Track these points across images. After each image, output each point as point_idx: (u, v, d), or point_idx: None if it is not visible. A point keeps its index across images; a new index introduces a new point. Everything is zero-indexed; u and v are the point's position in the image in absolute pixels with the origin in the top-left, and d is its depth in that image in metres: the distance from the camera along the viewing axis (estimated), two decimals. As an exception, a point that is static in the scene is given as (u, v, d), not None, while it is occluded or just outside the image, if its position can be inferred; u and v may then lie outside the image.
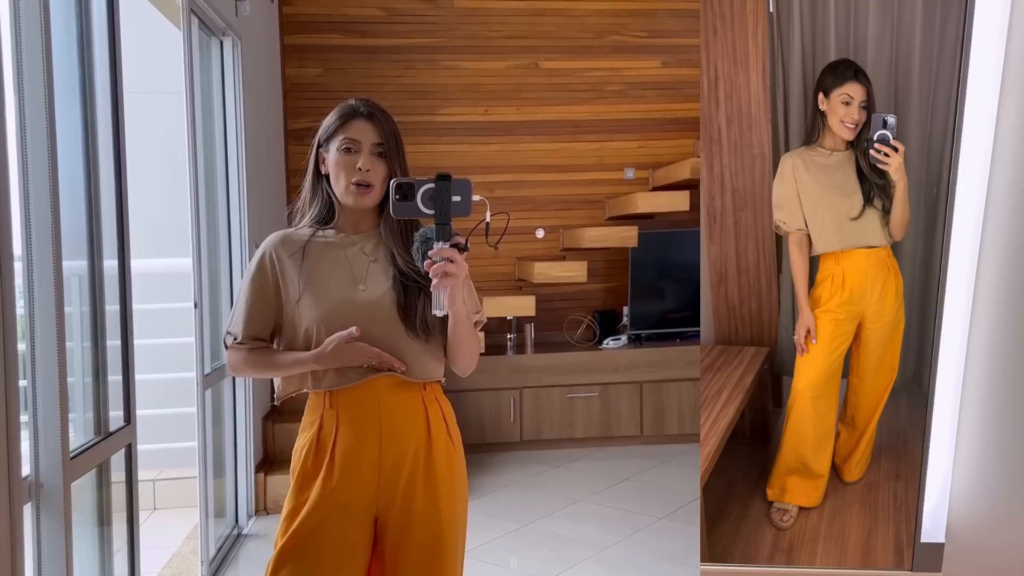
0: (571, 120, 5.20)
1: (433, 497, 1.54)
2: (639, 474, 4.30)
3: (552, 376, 4.71)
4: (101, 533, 2.17)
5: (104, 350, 2.14)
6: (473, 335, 1.57)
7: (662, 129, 5.24)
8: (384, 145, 1.55)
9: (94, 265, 2.10)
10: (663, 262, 5.00)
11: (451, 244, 1.38)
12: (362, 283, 1.53)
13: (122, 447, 2.18)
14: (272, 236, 1.60)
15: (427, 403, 1.56)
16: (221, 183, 3.45)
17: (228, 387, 3.50)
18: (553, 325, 5.14)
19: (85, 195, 2.07)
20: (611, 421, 4.76)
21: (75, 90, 2.05)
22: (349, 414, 1.51)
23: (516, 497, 4.00)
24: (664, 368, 4.77)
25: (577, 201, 5.23)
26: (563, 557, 3.25)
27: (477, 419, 4.61)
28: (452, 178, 1.38)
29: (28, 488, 1.72)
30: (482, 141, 5.15)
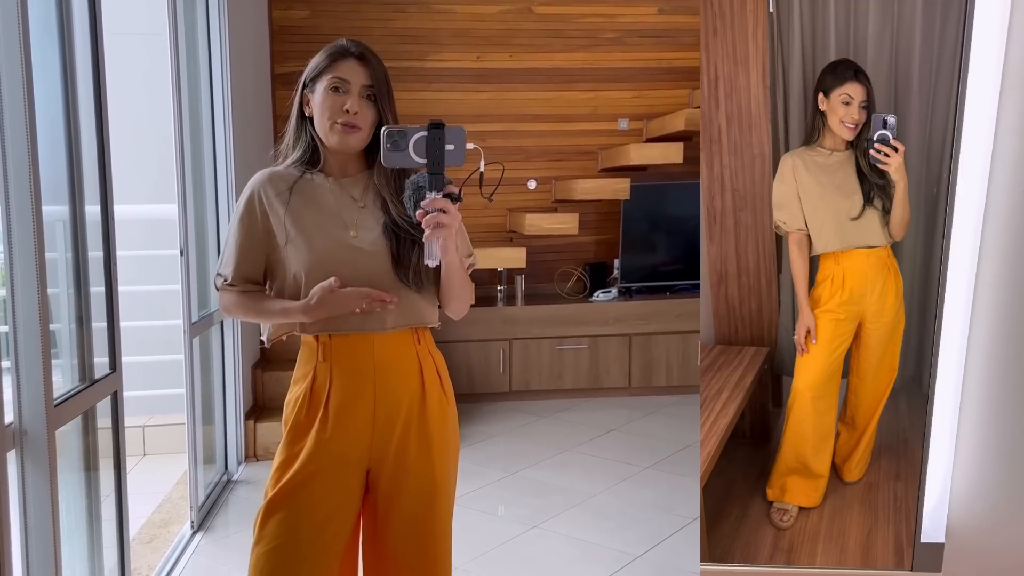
0: (565, 68, 5.12)
1: (427, 449, 1.54)
2: (626, 424, 4.34)
3: (542, 328, 4.72)
4: (88, 479, 2.18)
5: (88, 296, 2.12)
6: (466, 281, 1.56)
7: (657, 79, 5.16)
8: (374, 88, 1.51)
9: (76, 211, 2.06)
10: (655, 215, 4.98)
11: (444, 194, 1.35)
12: (353, 229, 1.51)
13: (108, 394, 2.18)
14: (259, 174, 1.56)
15: (421, 356, 1.55)
16: (207, 128, 3.39)
17: (216, 335, 3.49)
18: (543, 277, 5.13)
19: (65, 140, 2.03)
20: (600, 373, 4.78)
21: (52, 31, 1.99)
22: (343, 367, 1.50)
23: (504, 446, 4.04)
24: (654, 321, 4.78)
25: (570, 152, 5.18)
26: (550, 505, 3.29)
27: (467, 370, 4.63)
28: (446, 126, 1.34)
29: (12, 435, 1.72)
30: (474, 89, 5.07)
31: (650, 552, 2.87)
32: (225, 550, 2.94)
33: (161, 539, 3.02)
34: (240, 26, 3.74)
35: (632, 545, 2.92)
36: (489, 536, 3.02)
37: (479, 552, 2.89)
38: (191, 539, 2.98)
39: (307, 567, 1.48)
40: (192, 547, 2.93)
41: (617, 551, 2.88)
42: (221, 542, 2.99)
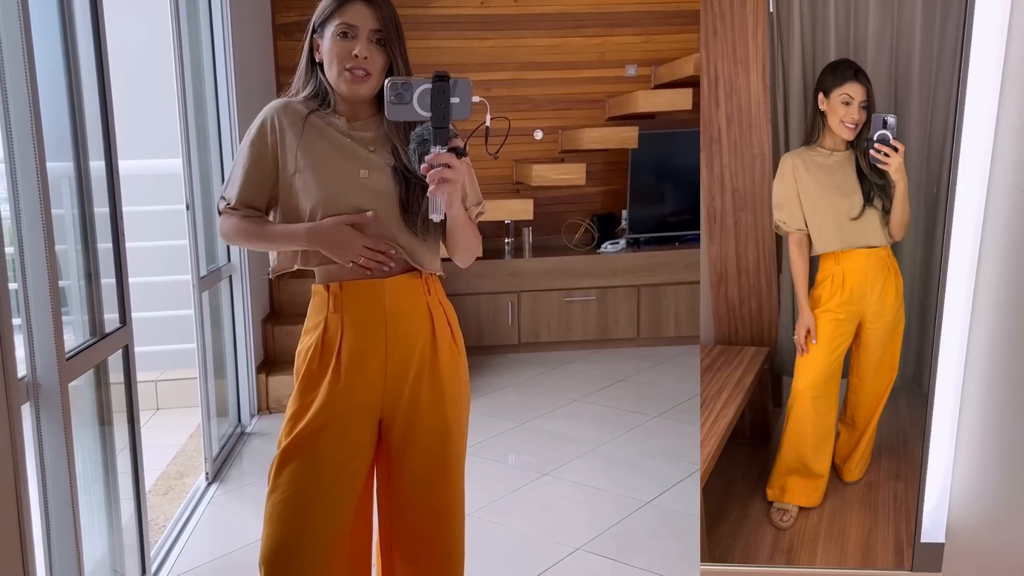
0: (571, 13, 5.02)
1: (439, 397, 1.55)
2: (635, 375, 4.37)
3: (550, 280, 4.72)
4: (103, 433, 2.21)
5: (95, 252, 2.12)
6: (472, 233, 1.55)
7: (666, 22, 5.06)
8: (383, 32, 1.48)
9: (80, 166, 2.05)
10: (663, 164, 4.93)
11: (449, 148, 1.32)
12: (364, 168, 1.50)
13: (119, 348, 2.20)
14: (274, 102, 1.54)
15: (431, 306, 1.55)
16: (209, 81, 3.35)
17: (225, 289, 3.51)
18: (551, 229, 5.11)
19: (66, 93, 2.01)
20: (608, 324, 4.79)
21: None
22: (354, 317, 1.50)
23: (514, 397, 4.08)
24: (662, 272, 4.77)
25: (577, 100, 5.11)
26: (559, 454, 3.33)
27: (475, 322, 4.64)
28: (451, 78, 1.31)
29: (26, 388, 1.74)
30: (478, 36, 4.99)
31: (658, 498, 2.91)
32: (240, 500, 2.99)
33: (177, 490, 3.08)
34: (240, -25, 3.67)
35: (640, 491, 2.96)
36: (500, 484, 3.07)
37: (491, 499, 2.94)
38: (206, 490, 3.04)
39: (322, 514, 1.50)
40: (207, 498, 2.99)
41: (626, 497, 2.93)
42: (235, 493, 3.05)
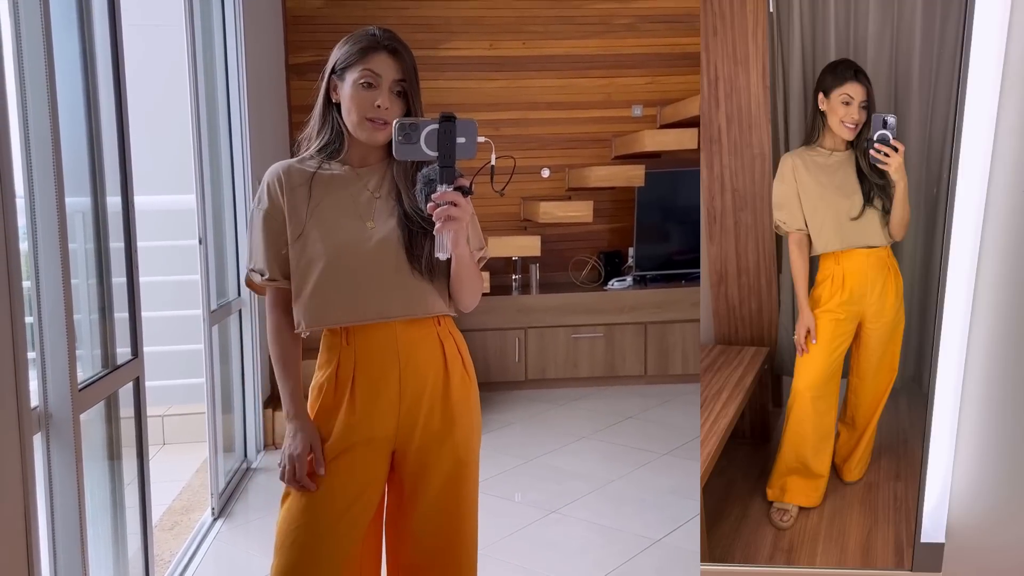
0: (578, 55, 5.10)
1: (451, 427, 1.56)
2: (642, 412, 4.35)
3: (557, 316, 4.73)
4: (112, 466, 2.21)
5: (109, 286, 2.14)
6: (476, 275, 1.57)
7: (671, 64, 5.14)
8: (405, 82, 1.51)
9: (97, 201, 2.08)
10: (669, 202, 4.96)
11: (455, 187, 1.35)
12: (369, 219, 1.52)
13: (130, 380, 2.21)
14: (276, 166, 1.57)
15: (443, 338, 1.56)
16: (223, 118, 3.40)
17: (235, 324, 3.52)
18: (558, 266, 5.13)
19: (86, 131, 2.05)
20: (615, 361, 4.79)
21: (72, 22, 2.00)
22: (368, 351, 1.52)
23: (521, 434, 4.06)
24: (669, 309, 4.78)
25: (583, 140, 5.17)
26: (568, 491, 3.31)
27: (482, 358, 4.64)
28: (457, 118, 1.34)
29: (37, 419, 1.75)
30: (487, 77, 5.07)
31: (668, 536, 2.88)
32: (245, 536, 2.97)
33: (182, 526, 3.06)
34: (254, 16, 3.76)
35: (651, 529, 2.93)
36: (508, 521, 3.04)
37: (499, 536, 2.91)
38: (212, 526, 3.02)
39: (332, 545, 1.50)
40: (213, 534, 2.97)
41: (636, 535, 2.90)
42: (241, 528, 3.03)
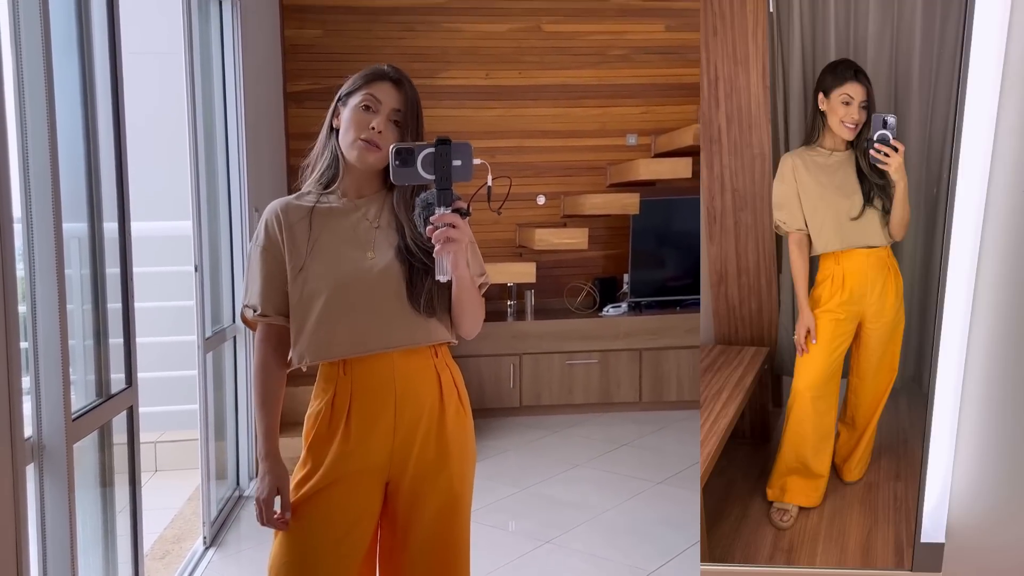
0: (574, 85, 5.15)
1: (446, 460, 1.55)
2: (637, 439, 4.34)
3: (552, 343, 4.73)
4: (104, 494, 2.19)
5: (105, 313, 2.14)
6: (477, 299, 1.57)
7: (665, 94, 5.19)
8: (402, 112, 1.53)
9: (94, 227, 2.09)
10: (664, 229, 4.99)
11: (453, 209, 1.36)
12: (370, 251, 1.53)
13: (124, 409, 2.19)
14: (274, 203, 1.59)
15: (439, 369, 1.57)
16: (220, 146, 3.42)
17: (229, 350, 3.51)
18: (553, 292, 5.14)
19: (84, 157, 2.06)
20: (610, 387, 4.78)
21: (73, 51, 2.02)
22: (365, 381, 1.52)
23: (515, 461, 4.04)
24: (664, 335, 4.78)
25: (579, 167, 5.20)
26: (561, 520, 3.29)
27: (477, 385, 4.63)
28: (452, 142, 1.36)
29: (31, 449, 1.73)
30: (483, 106, 5.10)
31: (663, 568, 2.85)
32: (237, 565, 2.94)
33: (174, 555, 3.03)
34: (253, 45, 3.79)
35: (645, 560, 2.91)
36: (501, 552, 3.02)
37: (491, 568, 2.89)
38: (203, 555, 2.99)
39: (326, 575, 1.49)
40: (205, 563, 2.93)
41: (630, 566, 2.87)
42: (233, 558, 3.00)
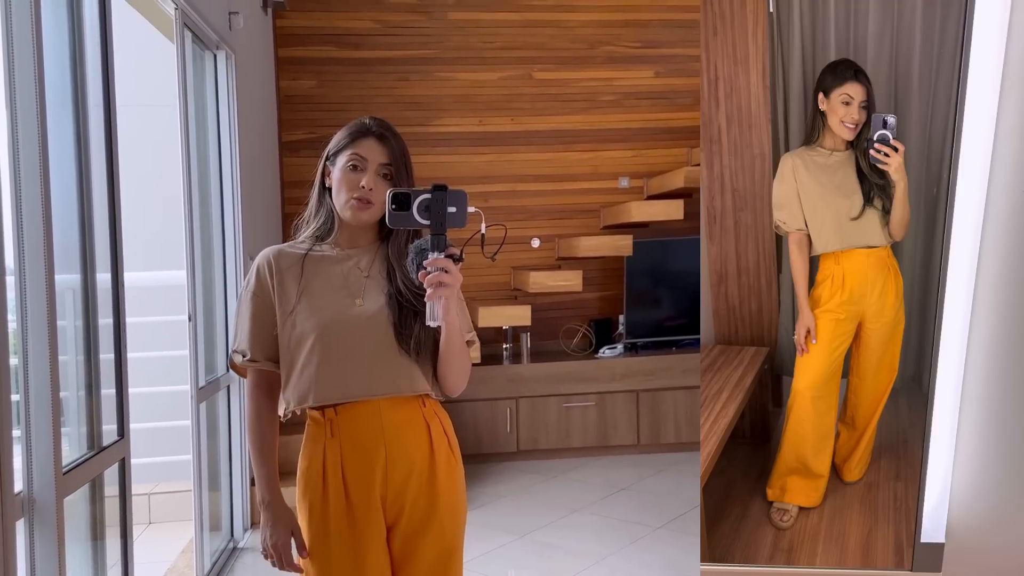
0: (565, 130, 5.21)
1: (437, 513, 1.55)
2: (637, 483, 4.29)
3: (548, 385, 4.70)
4: (95, 548, 2.15)
5: (97, 364, 2.13)
6: (464, 351, 1.57)
7: (656, 138, 5.26)
8: (392, 166, 1.56)
9: (87, 278, 2.09)
10: (658, 270, 5.01)
11: (446, 254, 1.38)
12: (359, 298, 1.54)
13: (115, 461, 2.17)
14: (267, 250, 1.60)
15: (428, 418, 1.56)
16: (215, 195, 3.44)
17: (223, 400, 3.48)
18: (548, 334, 5.13)
19: (78, 208, 2.07)
20: (608, 430, 4.74)
21: (67, 102, 2.04)
22: (352, 440, 1.52)
23: (513, 507, 3.99)
24: (661, 376, 4.76)
25: (572, 210, 5.24)
26: (561, 568, 3.23)
27: (473, 429, 4.59)
28: (448, 189, 1.38)
29: (21, 504, 1.71)
30: (476, 151, 5.16)
31: (665, 614, 2.80)
32: (231, 620, 2.87)
33: (166, 610, 2.97)
34: (248, 95, 3.84)
35: (646, 607, 2.86)
36: (500, 601, 2.96)
37: (490, 618, 2.83)
38: (197, 609, 2.93)
39: None
40: (198, 618, 2.87)
41: (631, 614, 2.82)
42: (227, 612, 2.93)
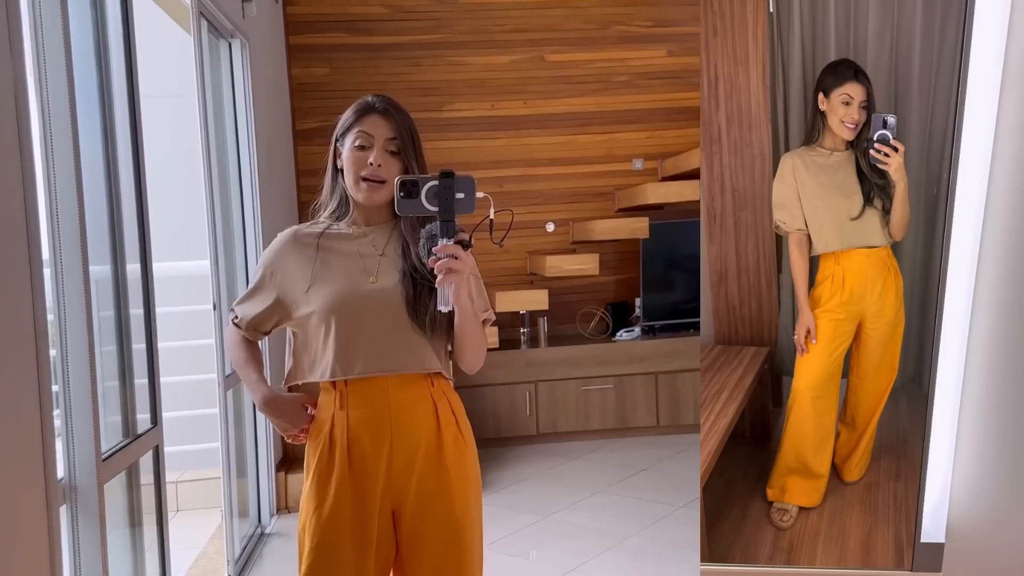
0: (578, 112, 5.20)
1: (446, 491, 1.56)
2: (657, 464, 4.32)
3: (566, 369, 4.73)
4: (132, 534, 2.19)
5: (130, 353, 2.16)
6: (479, 331, 1.58)
7: (669, 119, 5.24)
8: (398, 141, 1.56)
9: (117, 269, 2.12)
10: (674, 253, 5.00)
11: (455, 240, 1.39)
12: (373, 275, 1.56)
13: (150, 448, 2.21)
14: (287, 231, 1.64)
15: (436, 398, 1.57)
16: (234, 185, 3.46)
17: (247, 388, 3.52)
18: (565, 318, 5.15)
19: (107, 200, 2.09)
20: (627, 412, 4.77)
21: (93, 96, 2.06)
22: (360, 413, 1.53)
23: (535, 490, 4.02)
24: (679, 358, 4.78)
25: (586, 193, 5.24)
26: (584, 548, 3.27)
27: (493, 414, 4.62)
28: (456, 175, 1.39)
29: (63, 491, 1.74)
30: (489, 136, 5.16)
31: (691, 592, 2.83)
32: (262, 604, 2.92)
33: (199, 594, 3.02)
34: (261, 84, 3.85)
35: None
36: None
37: (517, 597, 2.87)
38: (229, 593, 2.98)
39: None
40: (230, 601, 2.92)
41: (657, 592, 2.85)
42: (258, 596, 2.98)
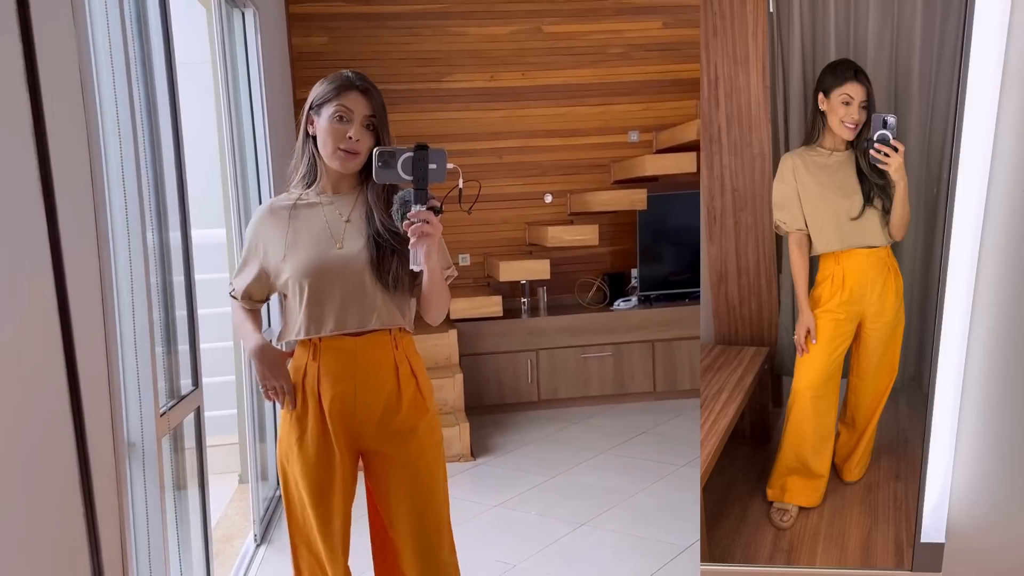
0: (575, 84, 5.27)
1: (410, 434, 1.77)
2: (655, 427, 4.46)
3: (566, 337, 4.84)
4: (177, 496, 2.27)
5: (174, 319, 2.23)
6: (444, 289, 1.77)
7: (665, 91, 5.32)
8: (375, 117, 1.72)
9: (162, 237, 2.18)
10: (670, 224, 5.11)
11: (427, 207, 1.55)
12: (339, 241, 1.72)
13: (193, 409, 2.28)
14: (263, 205, 1.81)
15: (398, 360, 1.76)
16: (250, 154, 3.50)
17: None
18: (564, 288, 5.25)
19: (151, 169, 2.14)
20: (624, 378, 4.91)
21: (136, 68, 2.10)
22: (328, 368, 1.73)
23: (539, 453, 4.15)
24: (674, 327, 4.91)
25: (583, 165, 5.32)
26: (592, 505, 3.40)
27: (496, 381, 4.74)
28: (429, 148, 1.54)
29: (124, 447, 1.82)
30: (488, 107, 5.21)
31: (699, 543, 2.98)
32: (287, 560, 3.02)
33: (226, 554, 3.11)
34: (270, 54, 3.87)
35: (680, 537, 3.03)
36: (539, 536, 3.13)
37: (532, 552, 3.00)
38: (256, 551, 3.08)
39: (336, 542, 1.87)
40: (259, 559, 3.02)
41: (667, 543, 3.00)
42: (282, 553, 3.08)
